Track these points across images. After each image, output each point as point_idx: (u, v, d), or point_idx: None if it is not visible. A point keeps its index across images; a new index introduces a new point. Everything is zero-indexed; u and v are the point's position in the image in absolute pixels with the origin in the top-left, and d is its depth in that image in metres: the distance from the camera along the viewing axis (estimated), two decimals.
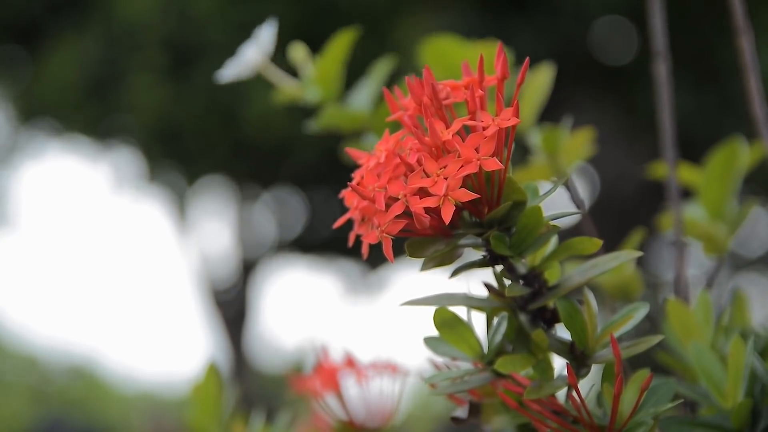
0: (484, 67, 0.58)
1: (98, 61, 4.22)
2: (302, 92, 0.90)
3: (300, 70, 0.90)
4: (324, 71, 0.89)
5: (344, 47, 0.88)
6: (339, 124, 0.89)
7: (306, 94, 0.89)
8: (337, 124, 0.89)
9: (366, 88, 0.90)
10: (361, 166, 0.57)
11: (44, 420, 6.29)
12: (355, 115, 0.88)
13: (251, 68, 0.88)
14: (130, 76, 4.19)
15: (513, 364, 0.58)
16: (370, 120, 0.88)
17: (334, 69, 0.89)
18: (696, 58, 3.83)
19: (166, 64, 4.09)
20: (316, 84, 0.89)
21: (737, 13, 0.83)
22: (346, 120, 0.89)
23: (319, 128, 0.90)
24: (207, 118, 4.21)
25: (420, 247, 0.56)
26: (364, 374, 0.85)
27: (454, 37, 0.88)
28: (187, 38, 3.97)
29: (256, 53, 0.88)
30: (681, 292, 0.83)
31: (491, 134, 0.54)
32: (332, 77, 0.89)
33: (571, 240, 0.58)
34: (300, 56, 0.90)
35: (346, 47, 0.88)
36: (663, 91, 0.87)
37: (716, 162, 0.88)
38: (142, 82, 4.15)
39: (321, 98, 0.89)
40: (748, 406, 0.63)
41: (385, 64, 0.90)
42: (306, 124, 0.90)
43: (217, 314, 5.98)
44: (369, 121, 0.88)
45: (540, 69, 0.89)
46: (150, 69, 4.11)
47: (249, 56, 0.88)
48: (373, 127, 0.88)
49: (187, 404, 0.88)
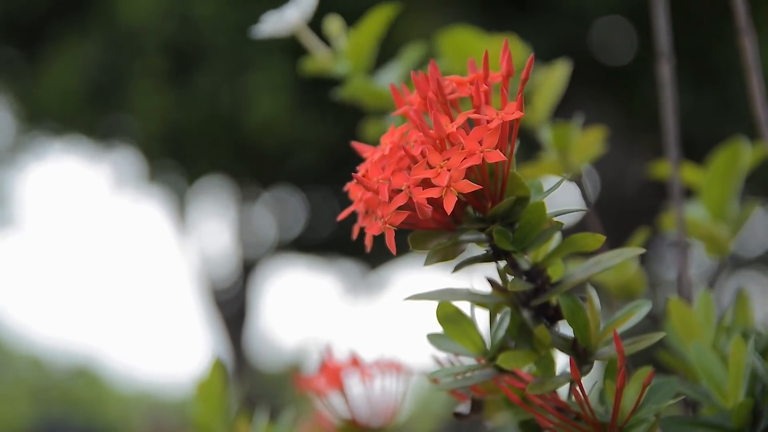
0: (489, 63, 0.58)
1: (99, 64, 4.23)
2: (333, 63, 0.91)
3: (333, 41, 0.91)
4: (357, 45, 0.90)
5: (380, 23, 0.89)
6: (363, 98, 0.90)
7: (337, 65, 0.90)
8: (361, 97, 0.90)
9: (394, 70, 0.91)
10: (366, 160, 0.57)
11: (45, 420, 6.30)
12: (380, 93, 0.89)
13: (289, 28, 0.88)
14: (132, 79, 4.19)
15: (516, 360, 0.58)
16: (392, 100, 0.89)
17: (367, 44, 0.90)
18: (696, 58, 3.83)
19: (167, 69, 4.09)
20: (348, 57, 0.90)
21: (740, 13, 0.83)
22: (371, 95, 0.90)
23: (343, 97, 0.91)
24: (208, 122, 4.21)
25: (423, 240, 0.57)
26: (367, 373, 0.85)
27: (472, 29, 0.89)
28: (188, 42, 3.97)
29: (297, 15, 0.88)
30: (684, 291, 0.83)
31: (495, 127, 0.54)
32: (364, 52, 0.90)
33: (574, 236, 0.58)
34: (335, 28, 0.91)
35: (381, 24, 0.89)
36: (666, 91, 0.87)
37: (719, 162, 0.88)
38: (144, 86, 4.15)
39: (351, 71, 0.90)
40: (748, 406, 0.63)
41: (415, 49, 0.91)
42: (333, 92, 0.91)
43: (217, 314, 5.98)
44: (391, 101, 0.89)
45: (556, 66, 0.90)
46: (151, 73, 4.11)
47: (289, 16, 0.88)
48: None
49: (189, 403, 0.88)
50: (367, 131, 0.91)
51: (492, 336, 0.61)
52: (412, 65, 0.90)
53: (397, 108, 0.59)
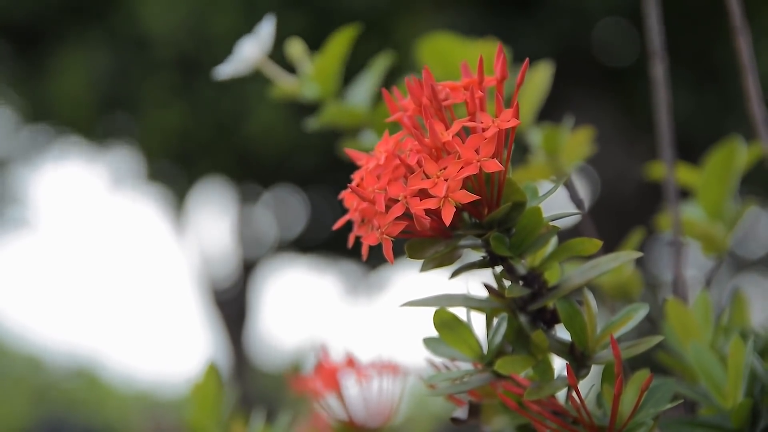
0: (483, 68, 0.58)
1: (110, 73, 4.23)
2: (300, 88, 0.90)
3: (298, 66, 0.90)
4: (323, 68, 0.89)
5: (344, 45, 0.88)
6: (339, 121, 0.89)
7: (304, 90, 0.89)
8: (337, 121, 0.89)
9: (364, 84, 0.90)
10: (361, 168, 0.57)
11: (45, 420, 6.29)
12: (354, 112, 0.88)
13: (250, 64, 0.88)
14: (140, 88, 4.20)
15: (513, 365, 0.58)
16: (369, 117, 0.88)
17: (333, 66, 0.89)
18: (696, 58, 3.83)
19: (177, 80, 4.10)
20: (315, 80, 0.89)
21: (735, 13, 0.83)
22: (346, 116, 0.89)
23: (319, 125, 0.90)
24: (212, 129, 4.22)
25: (420, 249, 0.56)
26: (364, 374, 0.85)
27: (453, 35, 0.88)
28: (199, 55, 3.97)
29: (255, 49, 0.87)
30: (680, 292, 0.83)
31: (491, 135, 0.54)
32: (331, 74, 0.89)
33: (570, 241, 0.58)
34: (297, 52, 0.90)
35: (345, 45, 0.88)
36: (660, 91, 0.87)
37: (714, 162, 0.88)
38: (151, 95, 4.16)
39: (319, 95, 0.89)
40: (748, 406, 0.63)
41: (383, 59, 0.90)
42: (306, 123, 0.90)
43: (217, 314, 5.99)
44: (368, 118, 0.88)
45: (539, 67, 0.89)
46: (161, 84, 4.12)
47: (248, 52, 0.88)
48: (372, 125, 0.88)
49: (186, 404, 0.88)
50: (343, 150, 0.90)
51: (489, 341, 0.61)
52: (381, 77, 0.89)
53: (382, 117, 0.59)
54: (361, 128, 0.89)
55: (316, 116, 0.89)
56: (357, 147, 0.88)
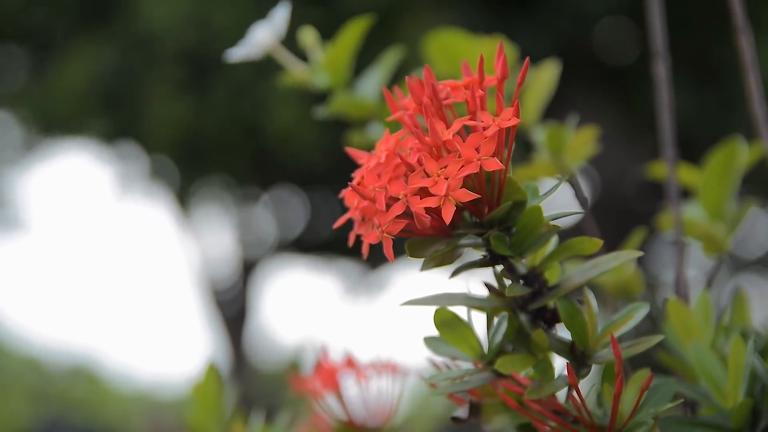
0: (484, 67, 0.58)
1: (114, 70, 4.23)
2: (311, 77, 0.90)
3: (309, 54, 0.90)
4: (334, 58, 0.89)
5: (356, 36, 0.89)
6: (348, 112, 0.90)
7: (315, 79, 0.90)
8: (345, 111, 0.90)
9: (374, 77, 0.91)
10: (362, 166, 0.57)
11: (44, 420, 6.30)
12: (363, 103, 0.89)
13: (262, 49, 0.88)
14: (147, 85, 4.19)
15: (513, 364, 0.58)
16: (378, 109, 0.89)
17: (344, 56, 0.89)
18: (696, 58, 3.83)
19: (183, 76, 4.09)
20: (325, 70, 0.90)
21: (737, 12, 0.83)
22: (355, 107, 0.89)
23: (328, 114, 0.90)
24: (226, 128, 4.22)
25: (420, 247, 0.56)
26: (363, 374, 0.85)
27: (459, 31, 0.88)
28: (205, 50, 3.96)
29: (269, 34, 0.87)
30: (681, 291, 0.83)
31: (492, 134, 0.54)
32: (342, 64, 0.90)
33: (571, 240, 0.58)
34: (309, 40, 0.90)
35: (357, 36, 0.89)
36: (662, 90, 0.87)
37: (715, 162, 0.88)
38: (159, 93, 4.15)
39: (330, 84, 0.90)
40: (748, 406, 0.63)
41: (394, 53, 0.90)
42: (315, 110, 0.91)
43: (217, 314, 5.99)
44: (377, 110, 0.89)
45: (545, 66, 0.90)
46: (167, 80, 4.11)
47: (260, 37, 0.88)
48: (381, 117, 0.89)
49: (186, 404, 0.88)
50: (351, 141, 0.91)
51: (489, 340, 0.61)
52: (391, 70, 0.89)
53: (390, 113, 0.59)
54: (370, 120, 0.90)
55: (325, 105, 0.90)
56: (365, 139, 0.89)
